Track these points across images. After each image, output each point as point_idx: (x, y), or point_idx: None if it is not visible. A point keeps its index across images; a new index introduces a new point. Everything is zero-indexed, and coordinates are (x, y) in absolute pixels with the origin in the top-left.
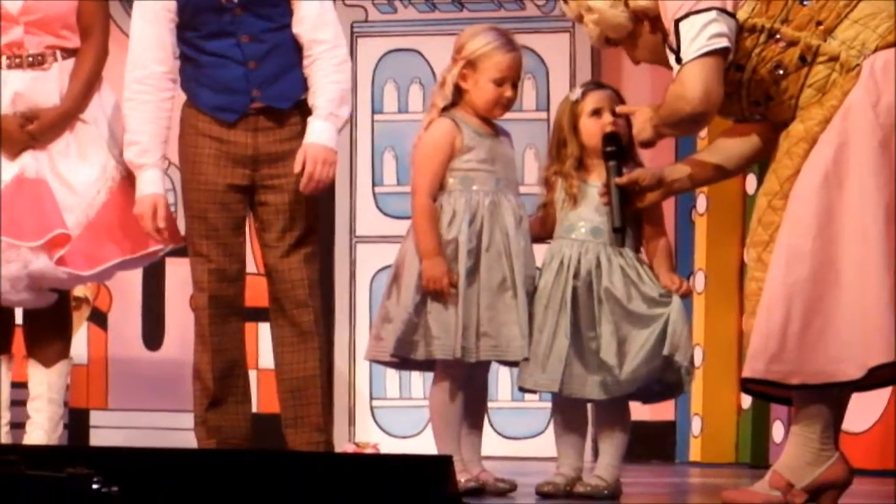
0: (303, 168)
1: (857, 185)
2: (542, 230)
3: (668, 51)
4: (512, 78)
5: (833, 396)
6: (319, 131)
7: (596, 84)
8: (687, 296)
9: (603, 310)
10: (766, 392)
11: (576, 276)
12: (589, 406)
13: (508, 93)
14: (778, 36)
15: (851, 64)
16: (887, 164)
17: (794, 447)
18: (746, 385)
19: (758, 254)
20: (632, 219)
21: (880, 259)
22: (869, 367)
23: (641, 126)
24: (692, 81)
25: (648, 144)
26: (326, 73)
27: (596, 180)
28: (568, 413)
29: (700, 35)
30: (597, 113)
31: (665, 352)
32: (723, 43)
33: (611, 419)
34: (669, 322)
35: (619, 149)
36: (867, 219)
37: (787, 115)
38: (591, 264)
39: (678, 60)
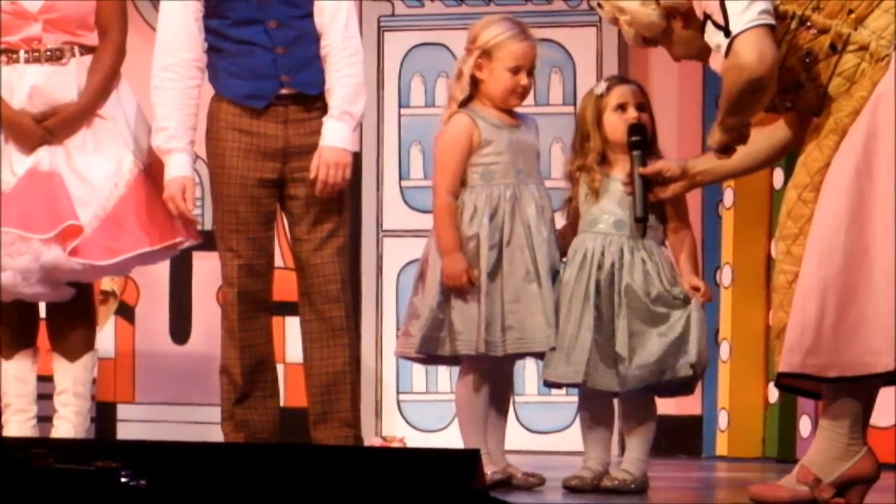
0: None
1: (887, 175)
2: (571, 232)
3: (713, 30)
4: (527, 66)
5: (863, 391)
6: (332, 132)
7: (620, 79)
8: (706, 302)
9: (622, 303)
10: (800, 387)
11: (599, 268)
12: (615, 401)
13: (524, 81)
14: (809, 23)
15: (881, 54)
16: None
17: (822, 442)
18: (781, 380)
19: (787, 247)
20: (656, 212)
21: None
22: None
23: (710, 135)
24: (745, 48)
25: (724, 151)
26: (339, 68)
27: (619, 174)
28: (595, 407)
29: (749, 9)
30: (621, 108)
31: (691, 359)
32: (770, 20)
33: (637, 413)
34: (689, 327)
35: (644, 139)
36: None
37: (816, 103)
38: (614, 257)
39: (727, 34)
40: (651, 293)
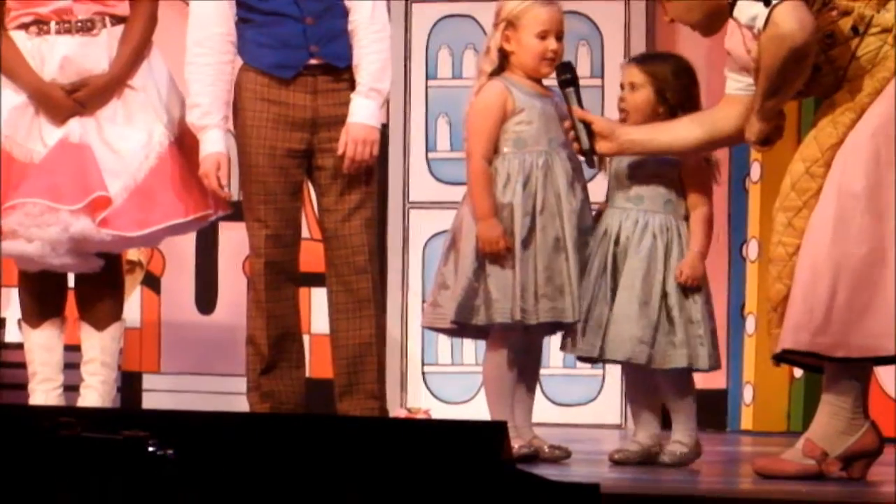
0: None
1: None
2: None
3: (748, 2)
4: (555, 30)
5: (866, 368)
6: (360, 109)
7: (635, 59)
8: (686, 284)
9: (632, 275)
10: (799, 361)
11: (616, 243)
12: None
13: (553, 45)
14: (832, 4)
15: None
16: None
17: (825, 416)
18: (786, 355)
19: (788, 219)
20: (677, 186)
21: None
22: None
23: (747, 128)
24: (784, 17)
25: (764, 143)
26: (367, 44)
27: None
28: (638, 381)
29: None
30: (630, 85)
31: (685, 363)
32: None
33: (677, 385)
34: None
35: (574, 77)
36: None
37: (832, 88)
38: (629, 231)
39: (767, 3)
40: (654, 270)
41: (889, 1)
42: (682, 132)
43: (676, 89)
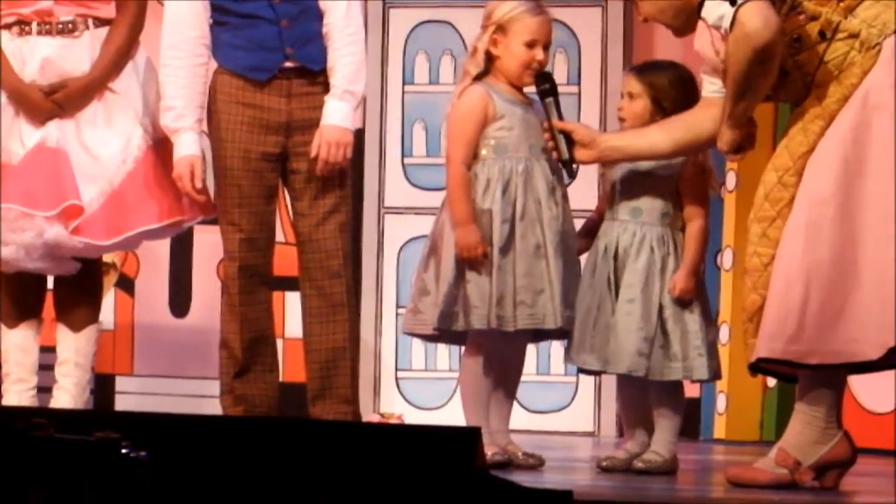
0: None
1: (878, 165)
2: (598, 217)
3: (716, 2)
4: (543, 40)
5: (839, 376)
6: (334, 111)
7: (635, 68)
8: (679, 296)
9: (631, 289)
10: (775, 370)
11: (615, 257)
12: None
13: (540, 55)
14: (800, 9)
15: (871, 42)
16: None
17: (799, 425)
18: (760, 364)
19: (763, 229)
20: (673, 198)
21: None
22: (889, 346)
23: (718, 137)
24: (749, 17)
25: (737, 151)
26: (341, 46)
27: (645, 164)
28: (630, 390)
29: None
30: (630, 95)
31: (681, 375)
32: None
33: (667, 395)
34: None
35: (553, 87)
36: (889, 199)
37: (800, 93)
38: (627, 244)
39: (733, 3)
40: (651, 283)
41: (856, 7)
42: (660, 136)
43: (673, 99)
